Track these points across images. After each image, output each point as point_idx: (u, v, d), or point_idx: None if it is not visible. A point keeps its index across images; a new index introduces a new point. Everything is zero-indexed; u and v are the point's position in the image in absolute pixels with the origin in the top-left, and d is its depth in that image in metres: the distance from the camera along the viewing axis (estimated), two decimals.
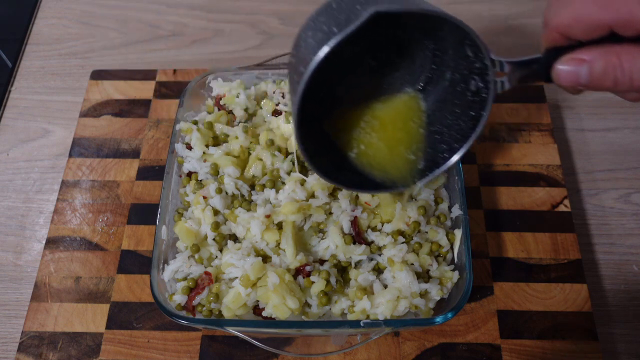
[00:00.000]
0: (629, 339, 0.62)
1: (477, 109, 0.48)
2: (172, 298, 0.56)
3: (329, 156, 0.52)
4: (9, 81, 0.84)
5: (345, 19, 0.39)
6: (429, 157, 0.53)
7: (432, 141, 0.53)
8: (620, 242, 0.68)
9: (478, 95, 0.48)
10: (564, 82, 0.42)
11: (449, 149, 0.52)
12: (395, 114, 0.54)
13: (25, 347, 0.60)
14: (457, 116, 0.51)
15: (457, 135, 0.51)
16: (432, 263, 0.56)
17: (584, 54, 0.40)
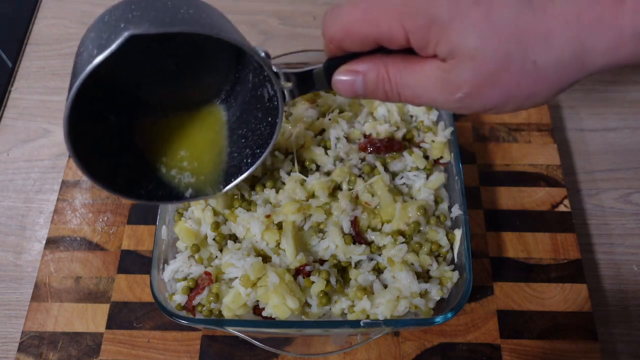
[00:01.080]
0: (629, 339, 0.62)
1: (273, 116, 0.50)
2: (172, 298, 0.56)
3: (129, 167, 0.52)
4: (9, 81, 0.84)
5: (106, 38, 0.40)
6: (236, 163, 0.54)
7: (239, 145, 0.54)
8: (620, 242, 0.68)
9: (271, 101, 0.49)
10: (342, 92, 0.43)
11: (252, 154, 0.53)
12: (200, 124, 0.56)
13: (25, 347, 0.60)
14: (259, 120, 0.52)
15: (259, 140, 0.53)
16: (432, 263, 0.56)
17: (358, 65, 0.42)
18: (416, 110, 0.67)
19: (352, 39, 0.40)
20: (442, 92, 0.38)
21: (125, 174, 0.51)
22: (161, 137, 0.54)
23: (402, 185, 0.62)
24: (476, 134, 0.75)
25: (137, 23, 0.39)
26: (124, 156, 0.52)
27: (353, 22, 0.39)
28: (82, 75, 0.39)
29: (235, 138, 0.55)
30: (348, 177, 0.60)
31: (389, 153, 0.62)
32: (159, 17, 0.40)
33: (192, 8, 0.43)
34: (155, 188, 0.53)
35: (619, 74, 0.83)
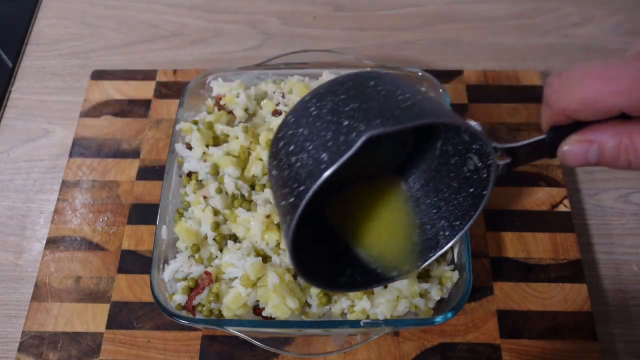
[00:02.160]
0: (629, 338, 0.62)
1: (476, 187, 0.46)
2: (172, 298, 0.56)
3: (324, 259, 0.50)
4: (9, 81, 0.84)
5: (333, 138, 0.36)
6: (431, 235, 0.51)
7: (431, 216, 0.51)
8: (620, 242, 0.68)
9: (477, 173, 0.46)
10: (571, 162, 0.41)
11: (449, 226, 0.49)
12: (380, 198, 0.52)
13: (25, 346, 0.61)
14: (454, 190, 0.49)
15: (457, 211, 0.49)
16: None
17: (592, 135, 0.39)
18: None
19: (592, 110, 0.37)
20: None
21: (327, 267, 0.49)
22: (346, 219, 0.52)
23: None
24: None
25: (366, 120, 0.36)
26: (322, 248, 0.50)
27: (597, 93, 0.36)
28: (317, 183, 0.35)
29: (424, 208, 0.51)
30: None
31: None
32: (385, 111, 0.37)
33: (406, 91, 0.39)
34: (352, 274, 0.50)
35: None
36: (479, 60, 0.85)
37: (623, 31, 0.87)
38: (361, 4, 0.92)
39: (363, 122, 0.36)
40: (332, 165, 0.35)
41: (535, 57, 0.85)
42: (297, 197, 0.37)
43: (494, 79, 0.80)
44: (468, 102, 0.78)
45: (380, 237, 0.51)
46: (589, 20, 0.89)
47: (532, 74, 0.80)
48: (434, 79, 0.67)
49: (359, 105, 0.37)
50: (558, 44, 0.87)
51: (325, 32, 0.88)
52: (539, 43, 0.87)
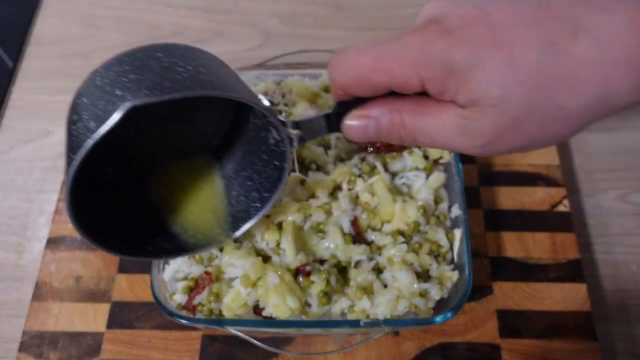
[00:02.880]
0: (628, 338, 0.62)
1: (279, 159, 0.48)
2: (172, 297, 0.56)
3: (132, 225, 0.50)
4: (10, 81, 0.84)
5: (103, 109, 0.37)
6: (244, 206, 0.52)
7: (245, 188, 0.53)
8: (619, 241, 0.68)
9: (278, 146, 0.47)
10: (353, 137, 0.42)
11: (260, 198, 0.51)
12: (199, 170, 0.54)
13: (26, 346, 0.61)
14: (264, 163, 0.51)
15: (267, 183, 0.51)
16: (432, 263, 0.57)
17: (370, 110, 0.40)
18: None
19: (362, 86, 0.38)
20: (463, 139, 0.37)
21: (129, 234, 0.49)
22: (163, 190, 0.53)
23: (402, 185, 0.62)
24: None
25: (135, 90, 0.37)
26: (125, 216, 0.50)
27: (363, 70, 0.37)
28: (81, 153, 0.36)
29: (240, 180, 0.54)
30: (348, 177, 0.60)
31: (389, 153, 0.62)
32: (157, 82, 0.38)
33: (189, 63, 0.40)
34: (161, 242, 0.51)
35: None
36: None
37: None
38: (361, 4, 0.92)
39: (132, 92, 0.37)
40: (94, 134, 0.36)
41: None
42: (70, 167, 0.38)
43: None
44: None
45: (194, 213, 0.53)
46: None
47: None
48: None
49: (137, 77, 0.38)
50: None
51: (325, 32, 0.89)
52: None
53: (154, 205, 0.53)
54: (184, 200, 0.53)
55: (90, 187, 0.43)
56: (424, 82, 0.35)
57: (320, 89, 0.68)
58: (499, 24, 0.33)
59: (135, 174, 0.52)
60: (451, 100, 0.36)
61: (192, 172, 0.54)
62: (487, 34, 0.32)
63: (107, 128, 0.36)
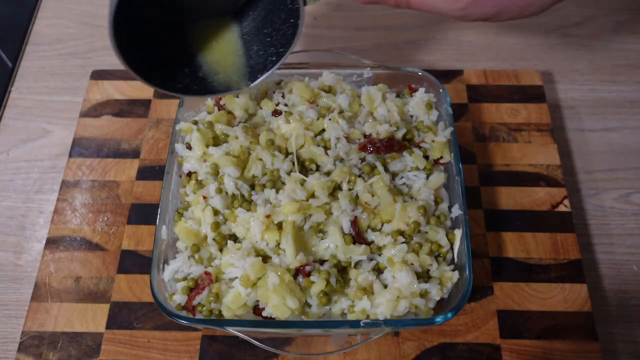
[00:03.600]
0: (629, 339, 0.62)
1: (295, 17, 0.55)
2: (172, 298, 0.56)
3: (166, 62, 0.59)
4: (9, 81, 0.84)
5: None
6: (262, 60, 0.60)
7: (265, 43, 0.60)
8: (620, 242, 0.68)
9: (293, 4, 0.54)
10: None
11: (276, 53, 0.59)
12: (226, 25, 0.63)
13: (25, 347, 0.60)
14: (282, 21, 0.58)
15: (283, 40, 0.58)
16: (432, 263, 0.56)
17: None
18: (416, 110, 0.67)
19: None
20: (446, 2, 0.42)
21: (162, 69, 0.57)
22: (193, 38, 0.61)
23: (402, 185, 0.62)
24: (476, 134, 0.75)
25: None
26: (162, 52, 0.59)
27: None
28: None
29: (261, 37, 0.60)
30: (348, 177, 0.60)
31: (389, 153, 0.62)
32: None
33: None
34: (190, 83, 0.58)
35: (619, 74, 0.83)
36: (479, 60, 0.85)
37: (623, 31, 0.87)
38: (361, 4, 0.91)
39: None
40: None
41: (535, 57, 0.85)
42: None
43: (494, 79, 0.80)
44: (468, 102, 0.78)
45: (218, 61, 0.61)
46: (589, 20, 0.89)
47: (532, 74, 0.80)
48: (434, 79, 0.67)
49: None
50: (558, 43, 0.87)
51: (325, 32, 0.88)
52: (539, 43, 0.87)
53: (185, 49, 0.61)
54: (211, 49, 0.61)
55: (129, 22, 0.51)
56: None
57: (320, 89, 0.68)
58: None
59: (171, 21, 0.60)
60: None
61: (218, 27, 0.62)
62: None
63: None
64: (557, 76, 0.83)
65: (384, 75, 0.69)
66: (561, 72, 0.83)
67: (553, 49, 0.86)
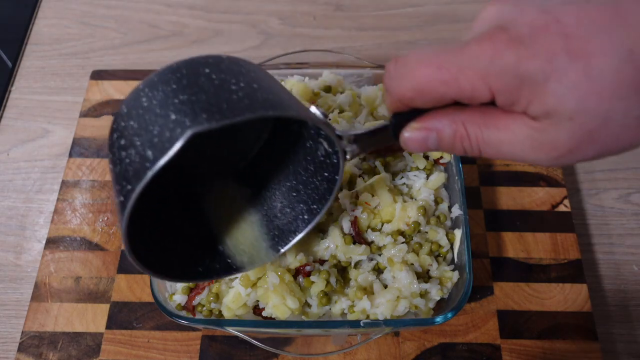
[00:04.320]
0: (629, 339, 0.62)
1: (330, 171, 0.47)
2: (172, 298, 0.56)
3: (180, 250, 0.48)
4: (9, 81, 0.84)
5: (159, 134, 0.34)
6: (290, 219, 0.51)
7: (290, 199, 0.51)
8: (620, 242, 0.68)
9: (329, 157, 0.46)
10: (412, 149, 0.41)
11: (308, 210, 0.50)
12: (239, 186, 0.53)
13: (25, 347, 0.60)
14: (311, 174, 0.49)
15: (314, 195, 0.49)
16: (432, 263, 0.56)
17: (431, 122, 0.38)
18: None
19: (425, 98, 0.36)
20: (535, 152, 0.35)
21: (179, 259, 0.48)
22: (206, 209, 0.51)
23: (402, 185, 0.62)
24: None
25: (191, 114, 0.34)
26: (173, 238, 0.48)
27: (427, 82, 0.35)
28: (141, 184, 0.34)
29: (284, 191, 0.52)
30: (348, 177, 0.60)
31: (389, 153, 0.62)
32: (213, 103, 0.35)
33: (240, 78, 0.38)
34: (210, 262, 0.49)
35: None
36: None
37: None
38: (361, 4, 0.92)
39: (189, 116, 0.34)
40: (154, 165, 0.33)
41: None
42: (125, 197, 0.35)
43: None
44: None
45: (237, 231, 0.51)
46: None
47: None
48: None
49: (188, 97, 0.36)
50: None
51: (325, 32, 0.88)
52: None
53: (199, 226, 0.51)
54: (226, 219, 0.52)
55: (140, 213, 0.39)
56: (494, 94, 0.34)
57: (320, 89, 0.68)
58: (572, 31, 0.31)
59: (179, 195, 0.51)
60: (522, 112, 0.34)
61: (229, 189, 0.53)
62: (560, 42, 0.31)
63: (167, 158, 0.33)
64: None
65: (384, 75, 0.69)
66: None
67: None
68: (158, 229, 0.47)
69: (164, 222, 0.48)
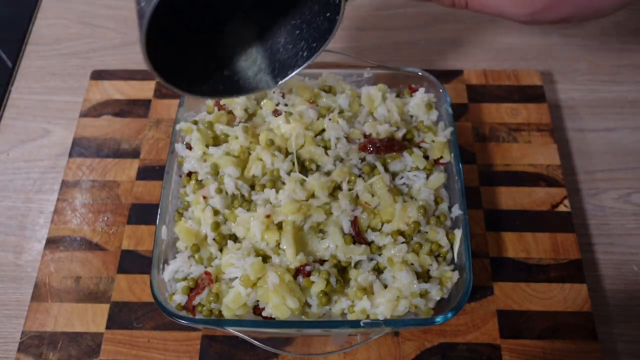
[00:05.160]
0: (629, 339, 0.62)
1: (332, 12, 0.49)
2: (172, 298, 0.56)
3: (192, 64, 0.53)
4: (9, 81, 0.84)
5: None
6: (291, 54, 0.54)
7: (294, 36, 0.54)
8: (620, 242, 0.68)
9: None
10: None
11: (307, 47, 0.53)
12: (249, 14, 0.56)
13: (25, 347, 0.60)
14: (315, 13, 0.52)
15: (315, 34, 0.52)
16: (432, 263, 0.56)
17: None
18: (416, 110, 0.67)
19: None
20: (514, 6, 0.38)
21: (188, 74, 0.51)
22: (216, 33, 0.55)
23: (402, 185, 0.62)
24: (476, 134, 0.75)
25: None
26: (184, 52, 0.53)
27: None
28: None
29: (289, 29, 0.55)
30: (348, 177, 0.60)
31: (389, 153, 0.62)
32: None
33: None
34: (215, 84, 0.53)
35: (619, 74, 0.83)
36: (479, 60, 0.85)
37: (623, 31, 0.87)
38: (361, 4, 0.91)
39: None
40: None
41: (535, 57, 0.85)
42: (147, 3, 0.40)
43: (494, 79, 0.80)
44: (468, 102, 0.78)
45: (247, 57, 0.55)
46: (589, 20, 0.89)
47: (532, 74, 0.80)
48: (434, 79, 0.67)
49: None
50: (558, 43, 0.87)
51: None
52: (539, 43, 0.87)
53: (208, 46, 0.54)
54: (233, 46, 0.55)
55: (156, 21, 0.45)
56: None
57: (320, 89, 0.68)
58: None
59: (192, 16, 0.54)
60: None
61: (238, 22, 0.56)
62: None
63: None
64: (557, 76, 0.83)
65: (384, 75, 0.69)
66: (561, 72, 0.83)
67: (553, 49, 0.86)
68: (171, 40, 0.50)
69: (176, 35, 0.52)
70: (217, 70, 0.54)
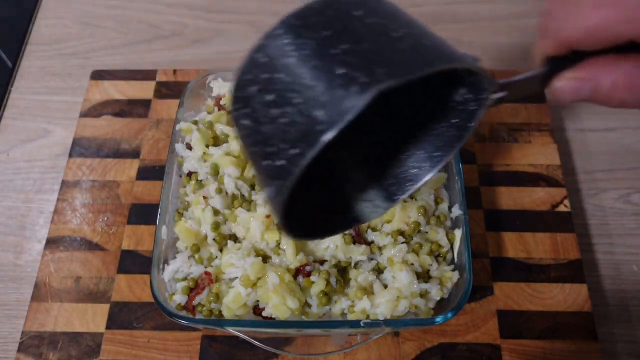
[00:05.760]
0: (629, 339, 0.62)
1: (461, 118, 0.43)
2: (172, 298, 0.56)
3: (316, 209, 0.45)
4: (9, 81, 0.84)
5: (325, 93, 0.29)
6: (408, 167, 0.47)
7: (418, 159, 0.46)
8: (620, 242, 0.68)
9: (463, 104, 0.42)
10: (563, 99, 0.39)
11: (428, 157, 0.45)
12: None
13: (25, 347, 0.60)
14: (436, 120, 0.45)
15: (437, 142, 0.45)
16: (432, 263, 0.56)
17: (586, 71, 0.36)
18: None
19: (598, 39, 0.33)
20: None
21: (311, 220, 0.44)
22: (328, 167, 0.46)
23: None
24: (476, 134, 0.75)
25: (364, 68, 0.29)
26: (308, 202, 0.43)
27: (607, 21, 0.32)
28: (314, 149, 0.29)
29: (414, 156, 0.46)
30: None
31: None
32: (384, 56, 0.30)
33: (397, 24, 0.33)
34: (334, 219, 0.46)
35: None
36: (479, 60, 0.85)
37: None
38: None
39: (361, 71, 0.29)
40: (332, 128, 0.28)
41: None
42: (290, 162, 0.30)
43: None
44: None
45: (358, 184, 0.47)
46: None
47: None
48: None
49: (351, 47, 0.30)
50: None
51: None
52: None
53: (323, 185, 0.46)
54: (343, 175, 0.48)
55: None
56: None
57: None
58: None
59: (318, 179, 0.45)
60: None
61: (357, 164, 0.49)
62: None
63: (347, 120, 0.28)
64: None
65: None
66: None
67: None
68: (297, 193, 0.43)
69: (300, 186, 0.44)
70: (333, 207, 0.46)
